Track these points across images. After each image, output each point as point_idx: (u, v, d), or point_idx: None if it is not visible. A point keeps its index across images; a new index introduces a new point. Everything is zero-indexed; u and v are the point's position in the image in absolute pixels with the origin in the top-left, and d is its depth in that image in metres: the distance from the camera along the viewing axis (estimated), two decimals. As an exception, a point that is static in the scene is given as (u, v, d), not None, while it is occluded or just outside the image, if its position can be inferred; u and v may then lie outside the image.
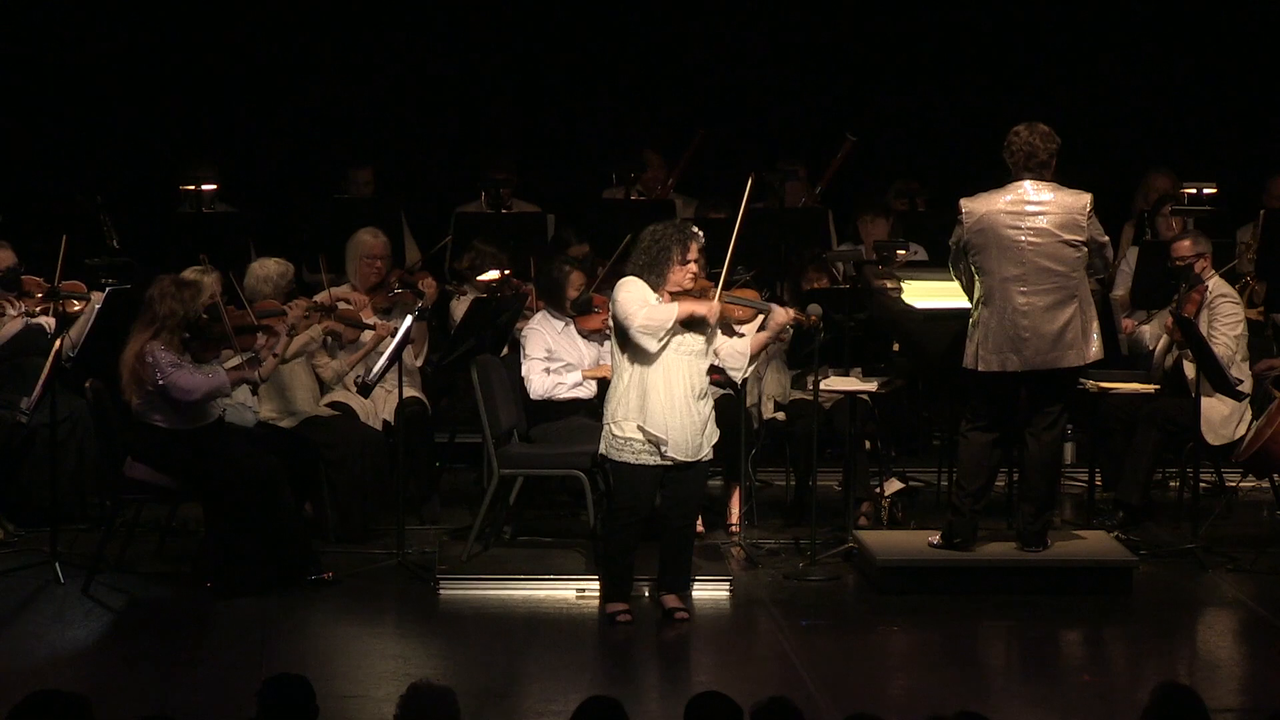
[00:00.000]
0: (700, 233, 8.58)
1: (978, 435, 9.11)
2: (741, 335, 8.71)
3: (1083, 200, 8.98)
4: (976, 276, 9.01)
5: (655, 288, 8.52)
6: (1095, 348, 9.03)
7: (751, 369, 8.84)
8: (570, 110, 13.53)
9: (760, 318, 8.75)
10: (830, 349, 9.69)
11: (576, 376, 9.71)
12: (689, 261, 8.47)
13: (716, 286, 8.55)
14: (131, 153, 12.89)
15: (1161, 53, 13.57)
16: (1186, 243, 10.21)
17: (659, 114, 13.48)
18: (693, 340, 8.48)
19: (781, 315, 8.69)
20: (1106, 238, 9.12)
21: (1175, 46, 13.55)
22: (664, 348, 8.41)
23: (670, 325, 8.36)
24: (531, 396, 9.75)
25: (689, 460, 8.51)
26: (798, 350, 10.00)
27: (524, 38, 13.51)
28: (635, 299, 8.41)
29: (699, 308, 8.40)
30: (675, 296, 8.49)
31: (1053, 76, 13.55)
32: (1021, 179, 8.96)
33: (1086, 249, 8.98)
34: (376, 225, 10.67)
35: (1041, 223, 8.91)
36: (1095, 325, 9.04)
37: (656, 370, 8.43)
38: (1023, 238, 8.90)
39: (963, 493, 9.16)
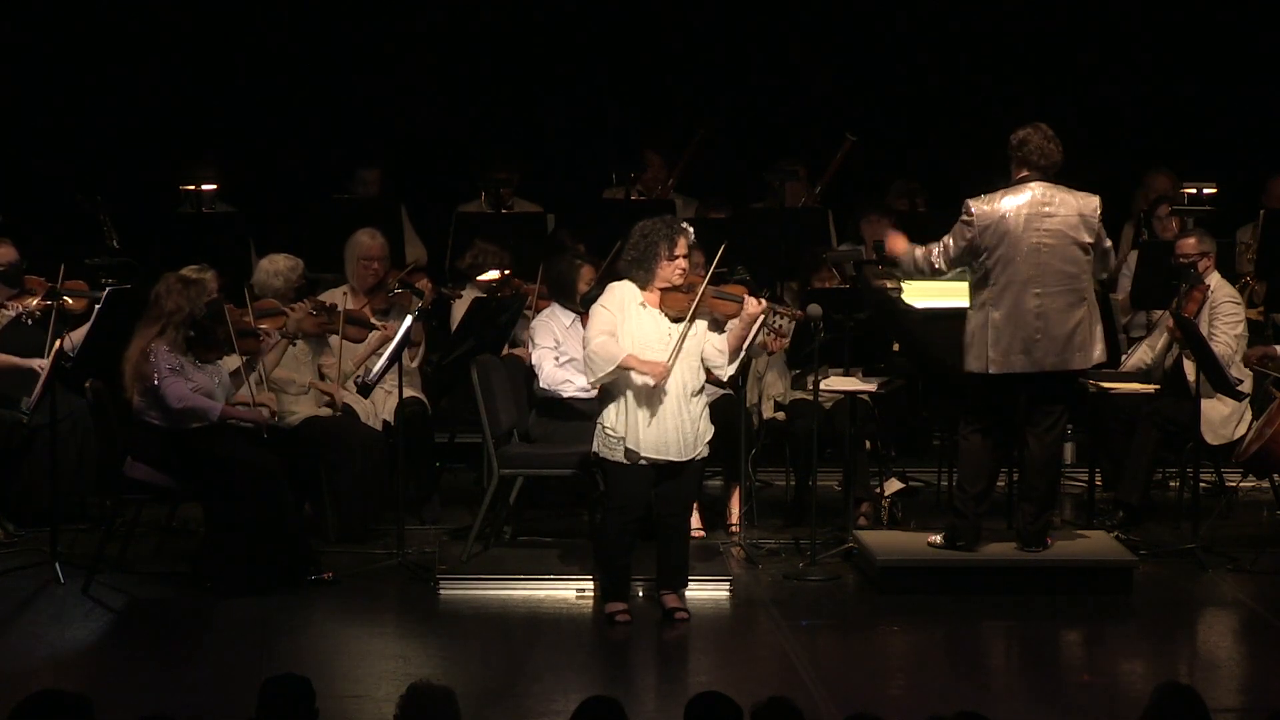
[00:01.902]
0: (690, 228, 8.59)
1: (978, 438, 9.11)
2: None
3: (1093, 202, 9.01)
4: (980, 278, 8.98)
5: (644, 284, 8.53)
6: (1099, 350, 9.03)
7: (735, 365, 8.82)
8: (570, 110, 13.52)
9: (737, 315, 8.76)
10: (830, 349, 9.69)
11: (585, 384, 9.68)
12: (677, 257, 8.48)
13: (703, 284, 8.55)
14: (131, 153, 12.88)
15: (1161, 53, 13.56)
16: (1191, 240, 10.21)
17: (659, 114, 13.48)
18: (686, 340, 8.48)
19: (752, 307, 8.66)
20: (1110, 241, 9.16)
21: (1175, 47, 13.55)
22: (654, 349, 8.43)
23: (610, 370, 8.40)
24: (541, 383, 9.72)
25: (683, 460, 8.52)
26: (798, 350, 10.00)
27: (524, 37, 13.51)
28: (601, 321, 8.46)
29: (643, 367, 8.40)
30: (664, 294, 8.51)
31: (1053, 76, 13.54)
32: (1031, 181, 8.95)
33: (1093, 251, 8.99)
34: (376, 225, 10.67)
35: (1056, 225, 8.92)
36: (1100, 328, 9.05)
37: None
38: (1039, 240, 8.90)
39: (965, 496, 9.15)
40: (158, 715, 5.58)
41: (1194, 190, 11.53)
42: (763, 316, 8.75)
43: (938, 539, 9.24)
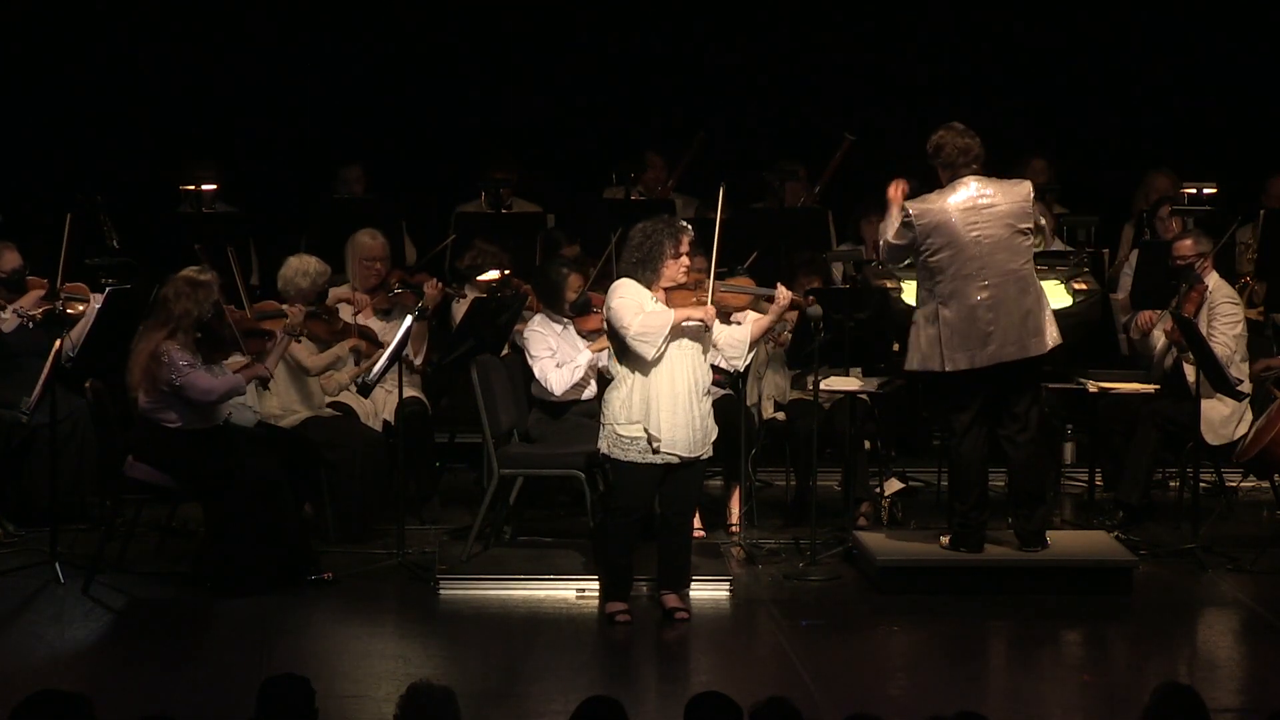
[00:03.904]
0: (690, 226, 8.59)
1: (963, 447, 9.08)
2: (738, 324, 8.73)
3: (1026, 188, 9.05)
4: (928, 277, 8.98)
5: (649, 284, 8.51)
6: (1053, 333, 9.00)
7: (750, 357, 8.83)
8: (570, 110, 13.53)
9: (749, 307, 8.76)
10: (830, 349, 9.68)
11: (587, 355, 9.69)
12: (682, 255, 8.48)
13: (709, 279, 8.55)
14: (131, 153, 12.89)
15: (1160, 53, 13.57)
16: (1188, 242, 10.21)
17: (659, 114, 13.48)
18: (693, 334, 8.48)
19: (784, 296, 8.68)
20: (1044, 221, 9.16)
21: (1174, 46, 13.55)
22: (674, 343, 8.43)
23: (667, 332, 8.36)
24: (556, 393, 9.70)
25: (692, 457, 8.51)
26: (798, 350, 10.00)
27: (524, 37, 13.51)
28: (630, 306, 8.40)
29: (695, 312, 8.40)
30: (670, 292, 8.50)
31: (1052, 76, 13.54)
32: (962, 177, 8.96)
33: (1033, 237, 9.01)
34: (375, 226, 10.68)
35: (995, 216, 8.92)
36: (1050, 313, 9.03)
37: (660, 369, 8.43)
38: (979, 233, 8.90)
39: (965, 506, 9.14)
40: (158, 715, 5.59)
41: (1194, 190, 11.53)
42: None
43: (946, 540, 9.24)
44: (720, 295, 8.59)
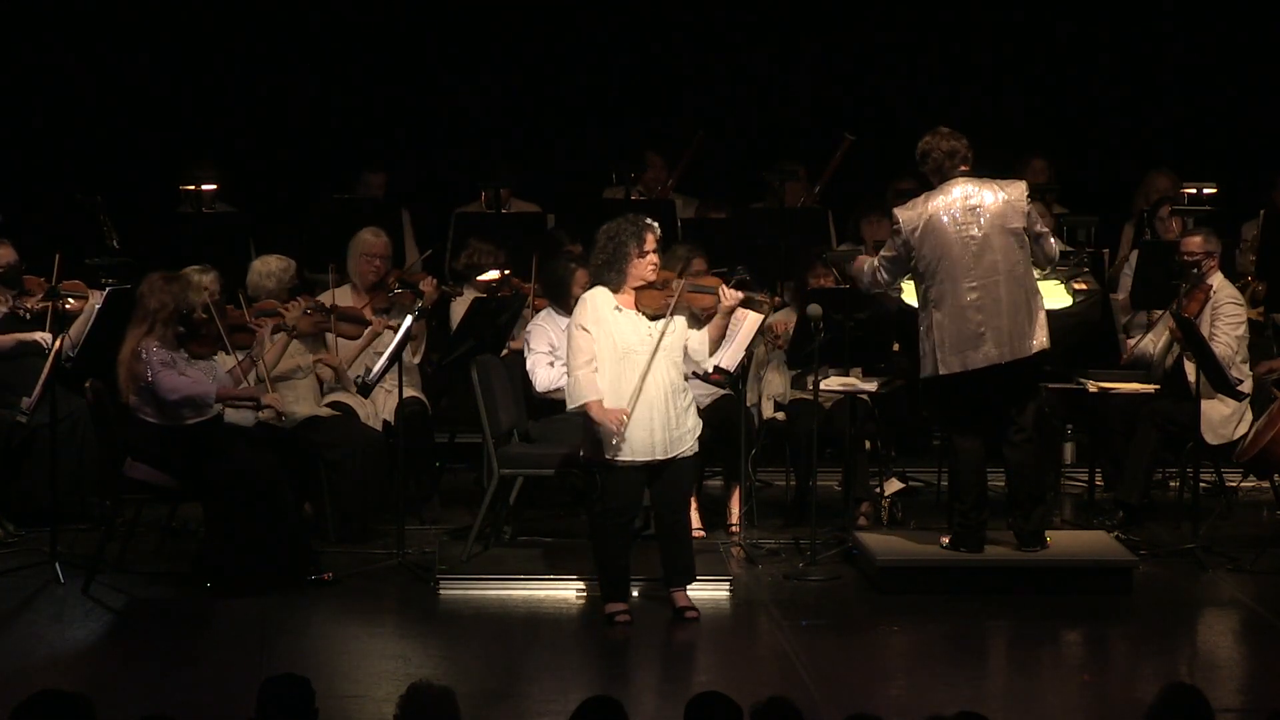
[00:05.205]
0: (655, 224, 8.57)
1: (961, 446, 9.08)
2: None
3: (1020, 188, 9.00)
4: (921, 282, 8.97)
5: (618, 286, 8.49)
6: (1041, 337, 8.97)
7: (735, 363, 8.78)
8: (570, 110, 13.52)
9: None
10: (830, 349, 9.68)
11: None
12: (647, 253, 8.46)
13: (678, 277, 8.52)
14: (131, 153, 12.89)
15: (1161, 53, 13.57)
16: (1198, 239, 10.18)
17: (659, 114, 13.47)
18: (666, 337, 8.46)
19: (727, 300, 8.63)
20: (1046, 229, 9.11)
21: (1175, 46, 13.55)
22: (637, 351, 8.42)
23: (579, 405, 8.39)
24: (538, 389, 9.72)
25: (668, 458, 8.50)
26: (798, 350, 9.99)
27: (524, 38, 13.51)
28: (580, 348, 8.41)
29: (605, 418, 8.35)
30: (639, 292, 8.48)
31: (1053, 76, 13.55)
32: (952, 179, 8.94)
33: (1028, 238, 8.96)
34: (378, 225, 10.68)
35: (984, 217, 8.89)
36: (1042, 315, 9.01)
37: (631, 372, 8.43)
38: (967, 235, 8.88)
39: (963, 507, 9.14)
40: (158, 715, 5.58)
41: (1194, 190, 11.53)
42: (761, 318, 8.72)
43: (946, 540, 9.23)
44: (687, 296, 8.55)
